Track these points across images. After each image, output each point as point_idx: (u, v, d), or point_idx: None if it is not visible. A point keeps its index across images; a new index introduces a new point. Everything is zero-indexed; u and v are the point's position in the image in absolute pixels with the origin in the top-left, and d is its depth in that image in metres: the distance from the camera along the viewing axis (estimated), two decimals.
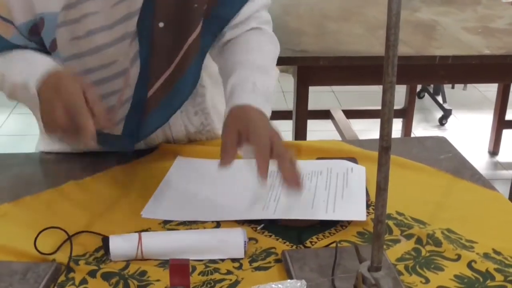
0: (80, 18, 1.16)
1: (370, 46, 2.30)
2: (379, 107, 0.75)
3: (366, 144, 1.43)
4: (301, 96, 2.29)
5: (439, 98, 4.52)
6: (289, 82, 2.58)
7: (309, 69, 2.26)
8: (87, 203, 1.19)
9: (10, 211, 1.17)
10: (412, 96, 3.74)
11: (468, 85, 5.04)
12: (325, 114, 3.53)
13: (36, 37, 1.19)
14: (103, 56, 1.20)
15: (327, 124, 3.54)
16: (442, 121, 4.38)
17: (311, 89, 2.35)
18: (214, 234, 1.06)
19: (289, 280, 0.86)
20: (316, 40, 2.39)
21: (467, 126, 4.38)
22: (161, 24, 1.21)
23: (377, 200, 0.79)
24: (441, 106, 4.42)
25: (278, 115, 3.48)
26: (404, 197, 1.22)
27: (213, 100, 1.42)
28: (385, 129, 0.75)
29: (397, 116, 3.67)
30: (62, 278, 0.99)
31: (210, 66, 1.37)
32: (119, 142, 1.29)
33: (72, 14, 1.16)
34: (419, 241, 1.08)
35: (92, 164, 1.32)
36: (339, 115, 3.43)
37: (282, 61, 2.50)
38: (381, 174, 0.78)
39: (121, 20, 1.18)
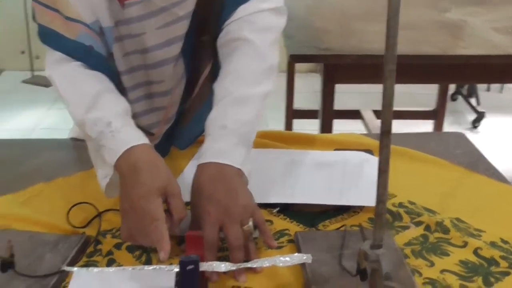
0: (129, 36, 1.19)
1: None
2: (410, 108, 0.80)
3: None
4: (327, 94, 2.35)
5: (473, 101, 4.52)
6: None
7: (335, 67, 2.31)
8: None
9: (45, 190, 1.26)
10: (443, 98, 3.75)
11: (505, 87, 5.02)
12: (354, 114, 3.57)
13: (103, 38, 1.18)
14: (150, 74, 1.25)
15: (356, 124, 3.58)
16: (475, 123, 4.38)
17: (341, 89, 2.39)
18: None
19: (296, 254, 0.92)
20: (341, 38, 2.44)
21: (501, 129, 4.37)
22: (205, 37, 1.25)
23: (378, 181, 0.85)
24: (474, 109, 4.42)
25: (305, 114, 3.54)
26: (417, 188, 1.28)
27: None
28: (386, 114, 0.81)
29: (428, 118, 3.69)
30: (90, 249, 1.07)
31: None
32: None
33: (122, 31, 1.18)
34: (427, 228, 1.14)
35: None
36: (369, 115, 3.47)
37: (307, 59, 2.58)
38: (382, 156, 0.84)
39: (165, 43, 1.21)
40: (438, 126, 3.79)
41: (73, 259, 1.03)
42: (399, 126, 3.62)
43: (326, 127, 2.41)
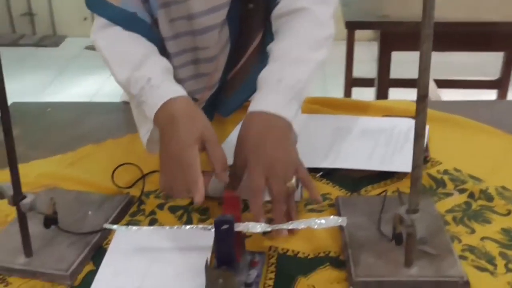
0: (175, 2, 1.20)
1: (455, 11, 2.28)
2: (474, 77, 0.79)
3: (436, 105, 1.45)
4: (383, 62, 2.32)
5: None
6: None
7: (392, 34, 2.28)
8: None
9: (94, 151, 1.31)
10: (507, 67, 3.64)
11: None
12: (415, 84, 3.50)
13: (147, 5, 1.21)
14: (195, 40, 1.26)
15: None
16: None
17: (405, 58, 2.35)
18: None
19: (331, 217, 0.92)
20: (400, 6, 2.39)
21: None
22: (251, 5, 1.26)
23: (414, 146, 0.85)
24: None
25: (365, 83, 3.50)
26: (465, 155, 1.26)
27: None
28: (422, 78, 0.80)
29: (492, 87, 3.60)
30: (133, 209, 1.10)
31: None
32: None
33: None
34: (471, 195, 1.12)
35: None
36: (430, 85, 3.40)
37: (363, 26, 2.54)
38: (418, 121, 0.83)
39: (210, 10, 1.22)
40: (502, 95, 3.69)
41: (116, 218, 1.06)
42: (461, 95, 3.58)
43: (381, 96, 2.39)
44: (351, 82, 3.55)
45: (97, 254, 0.98)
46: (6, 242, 0.98)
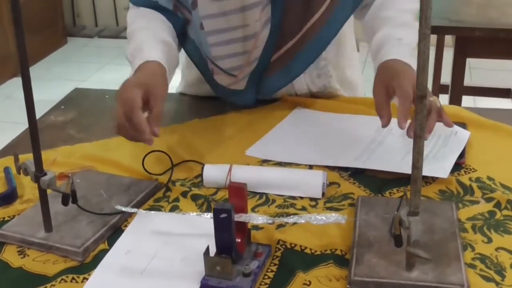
0: None
1: None
2: None
3: (484, 112, 1.42)
4: (458, 68, 2.26)
5: None
6: None
7: (466, 40, 2.22)
8: (205, 137, 1.34)
9: None
10: None
11: None
12: (505, 93, 3.40)
13: None
14: (235, 18, 1.29)
15: (506, 103, 3.41)
16: None
17: (492, 65, 2.28)
18: (295, 173, 1.16)
19: (332, 214, 0.93)
20: (478, 11, 2.33)
21: None
22: None
23: (414, 147, 0.84)
24: None
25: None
26: (503, 164, 1.23)
27: (337, 64, 1.49)
28: (420, 78, 0.80)
29: None
30: (159, 194, 1.14)
31: None
32: (241, 96, 1.41)
33: None
34: (498, 205, 1.09)
35: (219, 106, 1.48)
36: None
37: (436, 31, 2.48)
38: (417, 122, 0.83)
39: None
40: None
41: (140, 202, 1.10)
42: None
43: (454, 103, 2.33)
44: (439, 88, 3.49)
45: (114, 234, 1.03)
46: (32, 216, 1.04)
